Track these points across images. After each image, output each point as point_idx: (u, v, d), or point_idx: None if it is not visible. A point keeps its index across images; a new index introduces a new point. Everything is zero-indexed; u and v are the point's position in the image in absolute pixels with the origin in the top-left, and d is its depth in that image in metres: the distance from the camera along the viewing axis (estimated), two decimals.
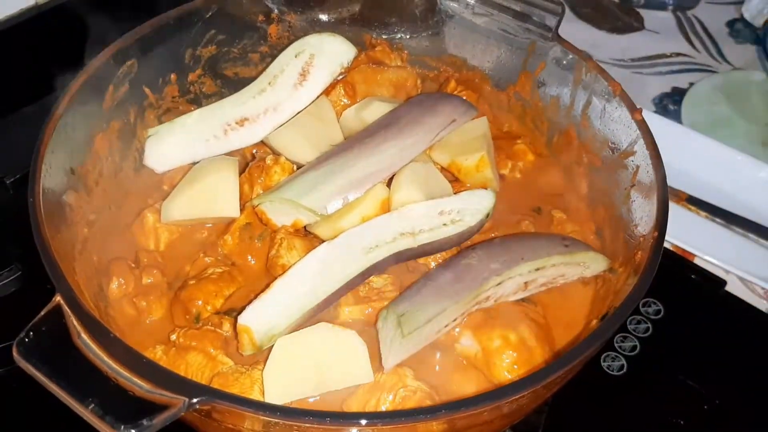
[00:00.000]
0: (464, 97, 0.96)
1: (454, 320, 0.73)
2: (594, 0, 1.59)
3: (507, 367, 0.73)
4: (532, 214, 0.90)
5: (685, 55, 1.40)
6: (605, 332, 0.62)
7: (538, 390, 0.61)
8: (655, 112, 1.33)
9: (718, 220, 1.13)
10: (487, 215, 0.79)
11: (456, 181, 0.90)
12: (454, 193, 0.84)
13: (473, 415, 0.58)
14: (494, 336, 0.74)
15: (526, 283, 0.77)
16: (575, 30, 1.52)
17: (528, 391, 0.59)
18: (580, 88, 0.90)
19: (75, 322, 0.60)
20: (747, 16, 1.52)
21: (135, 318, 0.79)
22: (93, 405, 0.55)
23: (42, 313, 0.61)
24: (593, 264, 0.80)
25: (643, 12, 1.57)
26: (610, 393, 0.91)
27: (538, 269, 0.76)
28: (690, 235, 1.07)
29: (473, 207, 0.78)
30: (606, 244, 0.86)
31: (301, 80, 0.88)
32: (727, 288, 1.04)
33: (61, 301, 0.61)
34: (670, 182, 1.14)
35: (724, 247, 1.08)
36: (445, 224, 0.77)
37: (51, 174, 0.74)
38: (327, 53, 0.89)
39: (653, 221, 0.73)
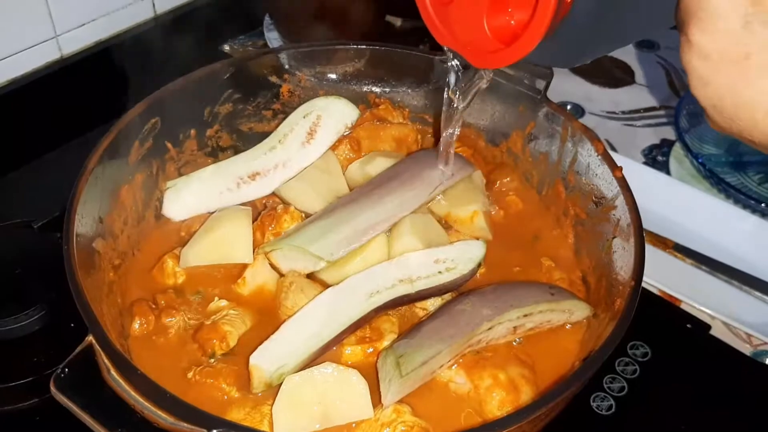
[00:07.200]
0: (461, 153, 1.03)
1: (449, 361, 0.79)
2: None
3: (496, 405, 0.78)
4: (522, 261, 0.95)
5: (674, 108, 1.46)
6: (583, 374, 0.68)
7: (523, 426, 0.66)
8: (645, 162, 1.39)
9: (703, 267, 1.16)
10: (479, 264, 0.85)
11: (452, 230, 0.96)
12: (451, 242, 0.90)
13: None
14: (485, 376, 0.79)
15: (515, 327, 0.82)
16: (571, 84, 1.59)
17: (513, 426, 0.64)
18: (566, 146, 0.97)
19: (105, 360, 0.66)
20: None
21: (155, 356, 0.84)
22: None
23: (76, 351, 0.67)
24: (577, 311, 0.86)
25: (634, 67, 1.65)
26: None
27: (526, 315, 0.82)
28: (676, 281, 1.11)
29: (466, 256, 0.84)
30: (591, 290, 0.91)
31: (309, 139, 0.95)
32: (712, 332, 1.08)
33: (93, 341, 0.67)
34: (657, 230, 1.21)
35: (709, 294, 1.11)
36: (440, 272, 0.83)
37: (82, 223, 0.80)
38: (333, 114, 0.96)
39: (631, 270, 0.79)
